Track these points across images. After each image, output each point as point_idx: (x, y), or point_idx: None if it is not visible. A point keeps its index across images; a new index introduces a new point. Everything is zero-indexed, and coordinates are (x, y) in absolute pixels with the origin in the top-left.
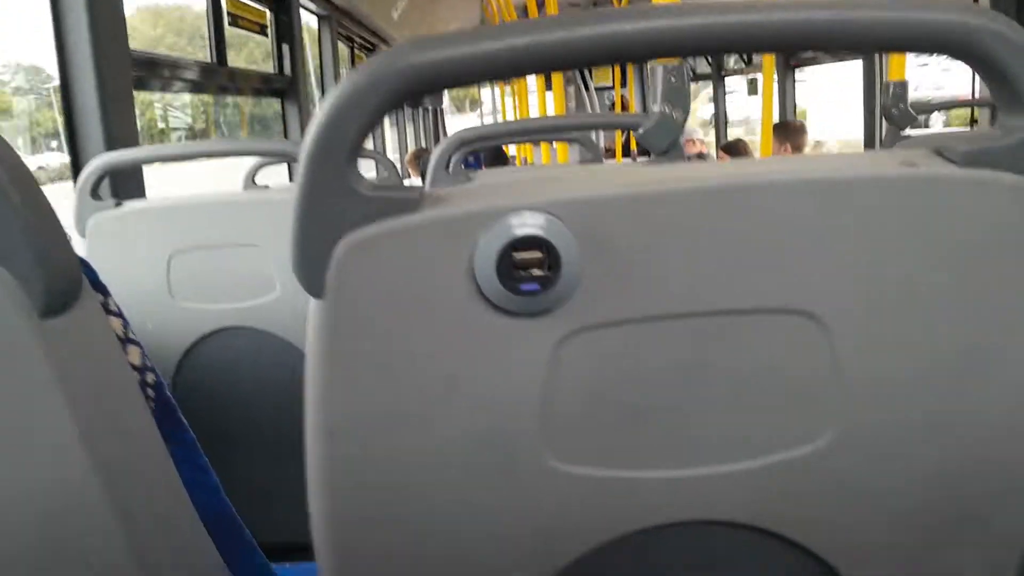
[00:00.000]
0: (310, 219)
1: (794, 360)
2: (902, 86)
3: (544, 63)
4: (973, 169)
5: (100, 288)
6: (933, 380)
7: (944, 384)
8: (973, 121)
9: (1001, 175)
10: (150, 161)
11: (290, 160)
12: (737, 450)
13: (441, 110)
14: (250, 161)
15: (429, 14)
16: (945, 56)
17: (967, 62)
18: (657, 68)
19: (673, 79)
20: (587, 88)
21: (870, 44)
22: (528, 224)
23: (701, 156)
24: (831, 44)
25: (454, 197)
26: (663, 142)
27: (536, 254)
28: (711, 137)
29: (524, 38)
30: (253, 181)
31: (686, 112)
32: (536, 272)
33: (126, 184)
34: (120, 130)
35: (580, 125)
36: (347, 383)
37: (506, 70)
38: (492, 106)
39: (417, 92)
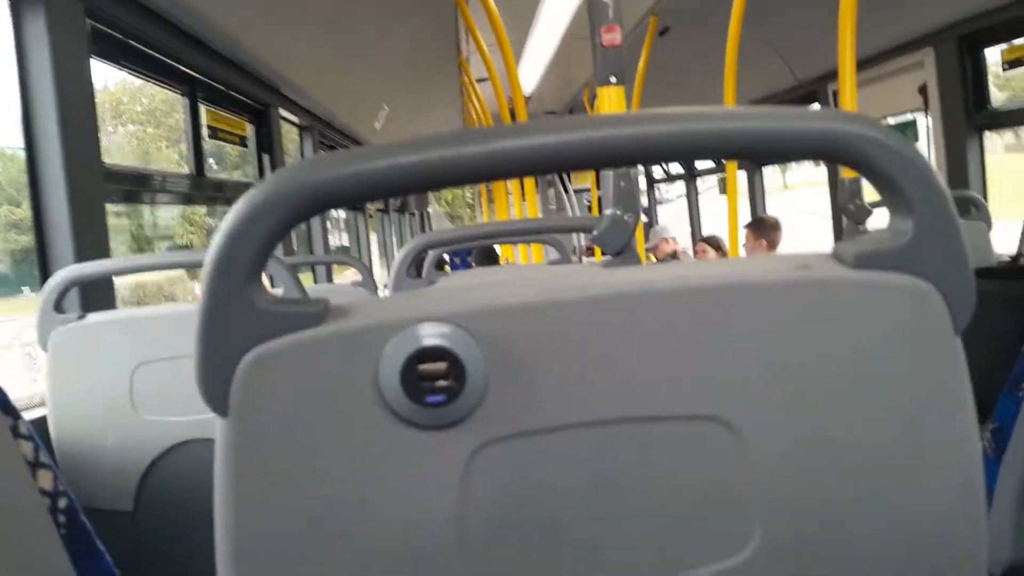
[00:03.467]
0: (211, 336)
1: (709, 467)
2: (856, 183)
3: (435, 180)
4: (864, 271)
5: (10, 411)
6: (850, 477)
7: (861, 481)
8: None
9: (891, 276)
10: (112, 274)
11: None
12: (659, 566)
13: (427, 213)
14: None
15: (411, 123)
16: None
17: (854, 168)
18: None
19: (623, 183)
20: (566, 190)
21: (756, 153)
22: (431, 335)
23: (675, 255)
24: (716, 154)
25: (360, 309)
26: (617, 244)
27: (441, 365)
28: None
29: (413, 156)
30: None
31: (637, 214)
32: (441, 383)
33: (94, 295)
34: (90, 242)
35: (538, 229)
36: (255, 505)
37: (402, 187)
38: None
39: (318, 208)
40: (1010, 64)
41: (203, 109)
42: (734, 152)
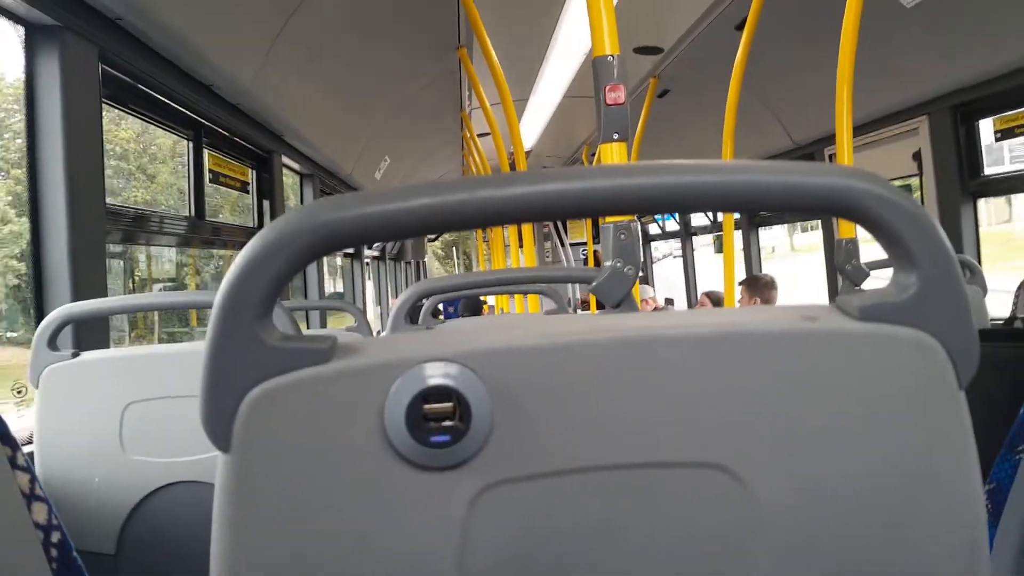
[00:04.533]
0: (218, 372)
1: (712, 515)
2: (852, 243)
3: (443, 223)
4: (869, 323)
5: (9, 441)
6: (854, 529)
7: (864, 533)
8: None
9: (896, 328)
10: (108, 313)
11: None
12: None
13: (423, 262)
14: None
15: (411, 174)
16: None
17: (860, 223)
18: (608, 226)
19: (623, 236)
20: (562, 243)
21: (764, 206)
22: (438, 374)
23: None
24: (725, 206)
25: (368, 347)
26: (616, 295)
27: (447, 405)
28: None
29: (423, 199)
30: None
31: (637, 267)
32: (447, 423)
33: (88, 334)
34: (88, 282)
35: (536, 278)
36: (253, 542)
37: (410, 229)
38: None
39: (329, 248)
40: (1002, 134)
41: (206, 154)
42: (742, 204)
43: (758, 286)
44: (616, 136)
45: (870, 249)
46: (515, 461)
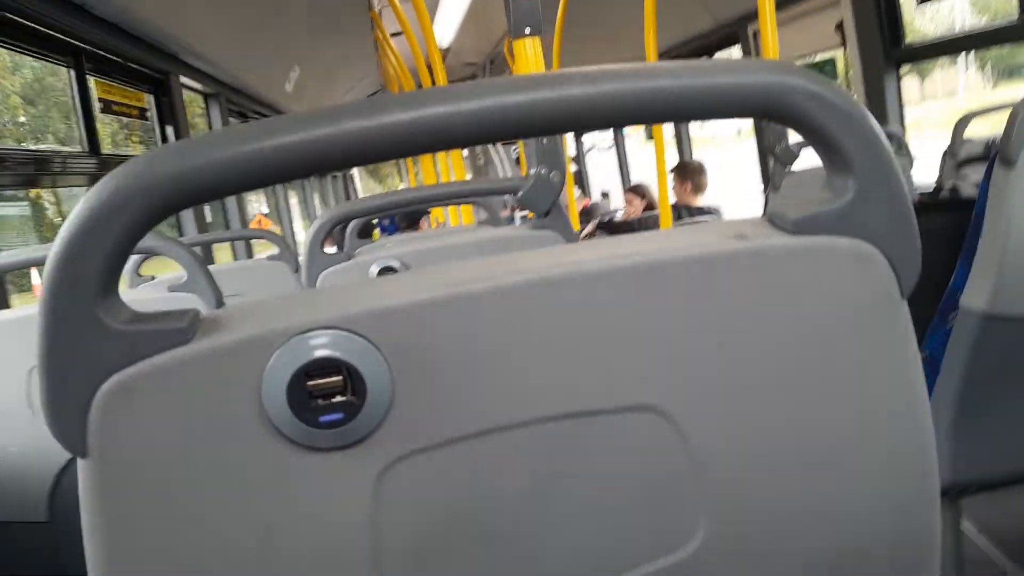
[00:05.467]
0: (58, 366)
1: (648, 461)
2: (782, 127)
3: (313, 164)
4: (804, 236)
5: None
6: (797, 463)
7: (809, 466)
8: None
9: (834, 240)
10: None
11: None
12: (602, 567)
13: (351, 176)
14: None
15: (324, 83)
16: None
17: (791, 126)
18: None
19: (545, 141)
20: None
21: (686, 115)
22: (321, 345)
23: (587, 210)
24: (643, 119)
25: (236, 318)
26: (544, 204)
27: (336, 378)
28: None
29: (284, 138)
30: (138, 274)
31: (563, 173)
32: (337, 399)
33: None
34: None
35: (462, 193)
36: (132, 554)
37: (273, 175)
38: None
39: (179, 206)
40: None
41: (93, 81)
42: (661, 115)
43: (688, 172)
44: (528, 30)
45: None
46: (425, 429)
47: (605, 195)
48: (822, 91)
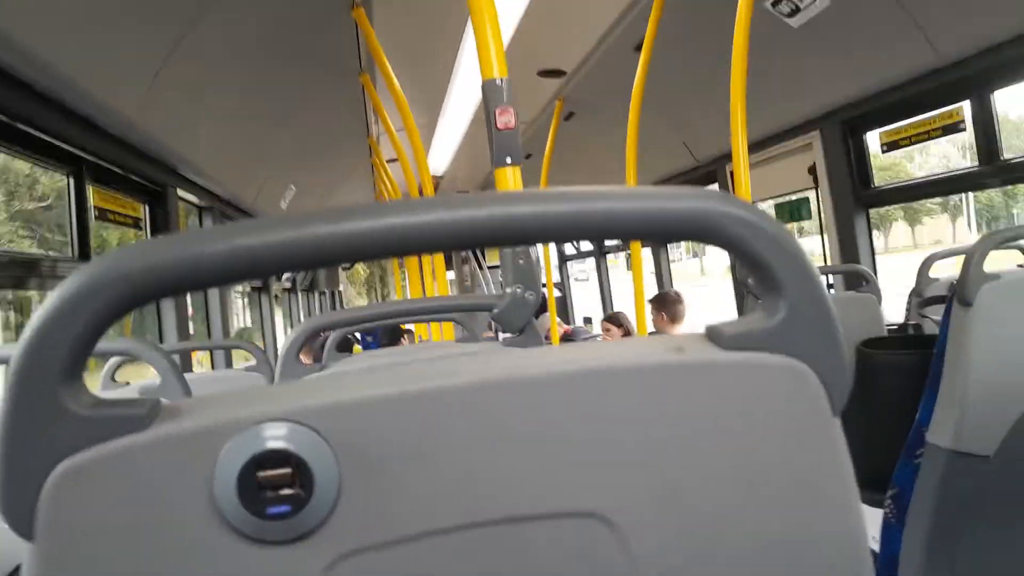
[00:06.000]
0: (14, 447)
1: (589, 567)
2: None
3: (283, 263)
4: (738, 352)
5: None
6: (737, 568)
7: (747, 570)
8: None
9: (765, 356)
10: None
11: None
12: None
13: (338, 292)
14: None
15: (320, 203)
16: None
17: (725, 248)
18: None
19: (521, 260)
20: (480, 267)
21: (630, 234)
22: (272, 436)
23: (568, 336)
24: (579, 236)
25: (194, 409)
26: (518, 322)
27: (285, 471)
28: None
29: (256, 238)
30: (113, 379)
31: (538, 292)
32: (285, 492)
33: None
34: None
35: (438, 308)
36: None
37: (237, 273)
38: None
39: (147, 298)
40: (888, 147)
41: (90, 190)
42: (607, 232)
43: (664, 302)
44: (509, 160)
45: None
46: (369, 527)
47: (587, 320)
48: (753, 218)
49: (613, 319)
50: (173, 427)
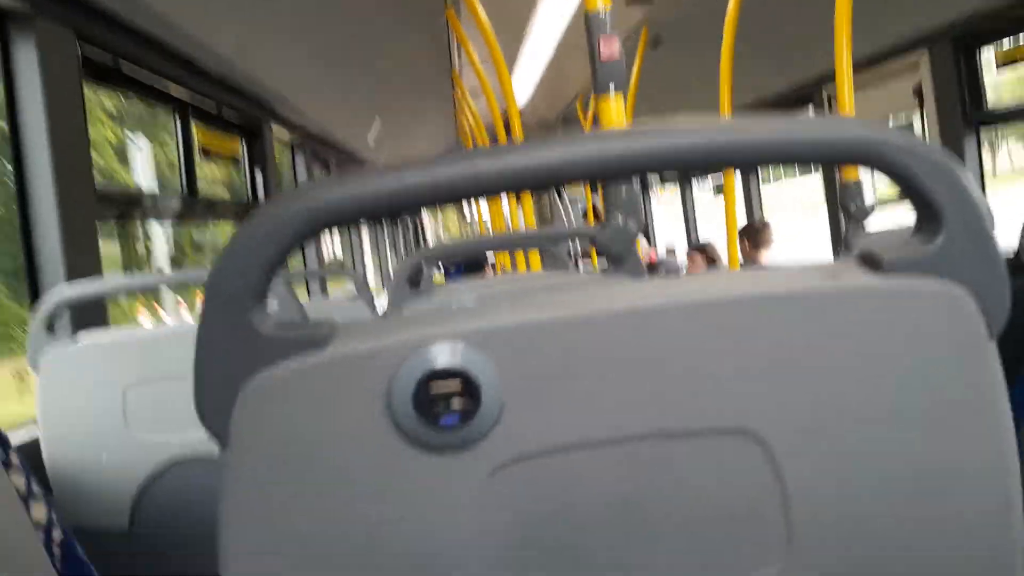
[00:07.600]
0: (210, 364)
1: (739, 484)
2: (857, 185)
3: (432, 198)
4: (894, 277)
5: (2, 441)
6: (883, 491)
7: (895, 504)
8: None
9: (925, 281)
10: (104, 294)
11: None
12: None
13: (420, 220)
14: None
15: (404, 137)
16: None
17: (887, 174)
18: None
19: (624, 190)
20: (560, 198)
21: (796, 159)
22: (445, 355)
23: (652, 265)
24: (753, 161)
25: (368, 330)
26: (620, 251)
27: (455, 384)
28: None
29: (411, 178)
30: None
31: (639, 220)
32: (456, 404)
33: (87, 316)
34: (81, 264)
35: (540, 238)
36: (261, 535)
37: (398, 206)
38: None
39: (319, 228)
40: (1004, 64)
41: (195, 128)
42: (772, 158)
43: (751, 232)
44: (613, 87)
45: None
46: (528, 438)
47: (671, 251)
48: (914, 144)
49: (702, 250)
50: (351, 347)
